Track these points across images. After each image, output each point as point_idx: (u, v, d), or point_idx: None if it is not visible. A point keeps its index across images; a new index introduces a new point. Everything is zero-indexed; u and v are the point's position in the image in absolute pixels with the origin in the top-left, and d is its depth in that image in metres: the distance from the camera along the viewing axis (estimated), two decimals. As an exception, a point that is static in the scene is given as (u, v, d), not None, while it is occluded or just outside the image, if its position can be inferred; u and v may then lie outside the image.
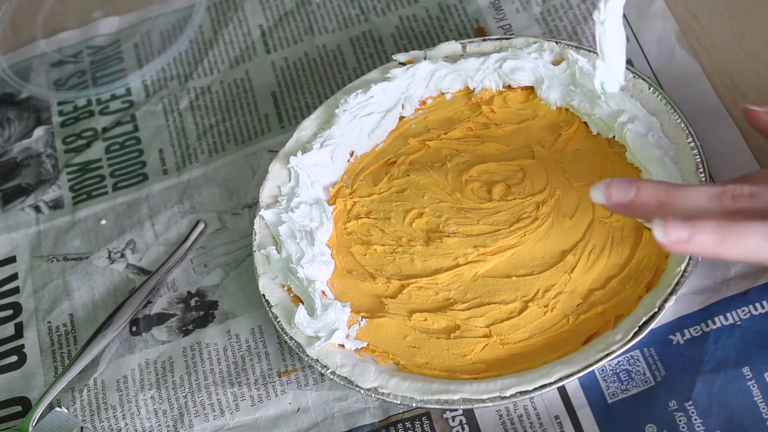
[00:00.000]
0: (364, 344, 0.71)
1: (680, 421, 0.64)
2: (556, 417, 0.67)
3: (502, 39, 0.80)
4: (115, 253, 0.82)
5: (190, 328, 0.77)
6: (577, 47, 0.77)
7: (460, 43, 0.81)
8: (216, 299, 0.78)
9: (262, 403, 0.73)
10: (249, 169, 0.84)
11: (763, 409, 0.64)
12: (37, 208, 0.87)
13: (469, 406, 0.67)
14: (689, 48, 0.78)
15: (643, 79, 0.75)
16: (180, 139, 0.87)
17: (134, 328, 0.78)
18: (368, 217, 0.77)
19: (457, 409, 0.69)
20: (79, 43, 0.95)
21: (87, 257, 0.83)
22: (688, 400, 0.65)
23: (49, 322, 0.80)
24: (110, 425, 0.74)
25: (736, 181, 0.64)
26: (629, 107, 0.74)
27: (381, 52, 0.87)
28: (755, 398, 0.64)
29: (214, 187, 0.84)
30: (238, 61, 0.90)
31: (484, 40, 0.80)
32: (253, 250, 0.76)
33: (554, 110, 0.77)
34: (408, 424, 0.69)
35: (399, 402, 0.68)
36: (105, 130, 0.89)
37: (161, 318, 0.78)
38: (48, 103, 0.92)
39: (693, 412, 0.64)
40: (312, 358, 0.70)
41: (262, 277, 0.75)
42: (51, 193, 0.87)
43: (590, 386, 0.67)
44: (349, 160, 0.80)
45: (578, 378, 0.66)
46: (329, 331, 0.71)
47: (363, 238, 0.76)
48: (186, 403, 0.74)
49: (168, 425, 0.74)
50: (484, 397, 0.67)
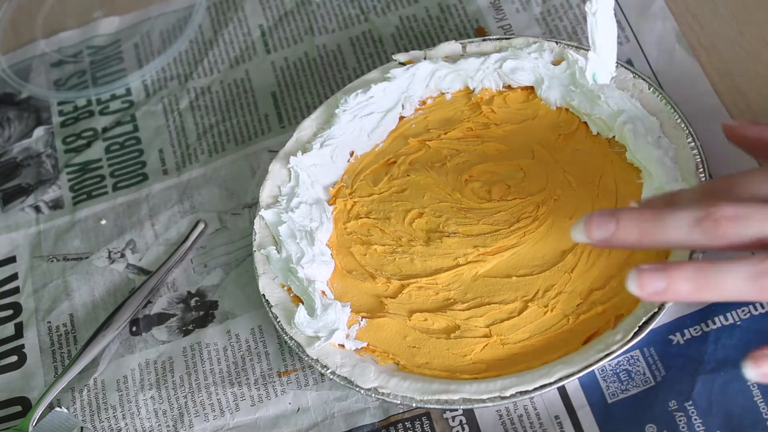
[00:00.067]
0: (364, 344, 0.71)
1: (680, 421, 0.64)
2: (556, 417, 0.67)
3: (502, 39, 0.80)
4: (115, 253, 0.82)
5: (190, 328, 0.77)
6: (577, 47, 0.77)
7: (460, 43, 0.81)
8: (216, 299, 0.78)
9: (262, 403, 0.73)
10: (249, 169, 0.84)
11: (763, 409, 0.64)
12: (37, 208, 0.87)
13: (469, 406, 0.67)
14: (689, 48, 0.78)
15: (643, 79, 0.75)
16: (180, 139, 0.87)
17: (134, 328, 0.78)
18: (368, 217, 0.77)
19: (457, 409, 0.69)
20: (79, 43, 0.95)
21: (87, 257, 0.83)
22: (688, 400, 0.65)
23: (49, 322, 0.80)
24: (110, 425, 0.74)
25: (728, 180, 0.62)
26: (629, 107, 0.74)
27: (381, 52, 0.87)
28: (755, 398, 0.64)
29: (214, 187, 0.84)
30: (238, 61, 0.90)
31: (484, 40, 0.80)
32: (253, 250, 0.76)
33: (554, 110, 0.77)
34: (408, 424, 0.69)
35: (399, 402, 0.68)
36: (105, 130, 0.89)
37: (161, 318, 0.78)
38: (48, 103, 0.92)
39: (693, 412, 0.64)
40: (312, 358, 0.70)
41: (262, 277, 0.75)
42: (51, 193, 0.87)
43: (590, 386, 0.67)
44: (349, 160, 0.80)
45: (578, 378, 0.66)
46: (329, 331, 0.71)
47: (363, 238, 0.76)
48: (186, 403, 0.74)
49: (168, 425, 0.73)
50: (484, 397, 0.67)
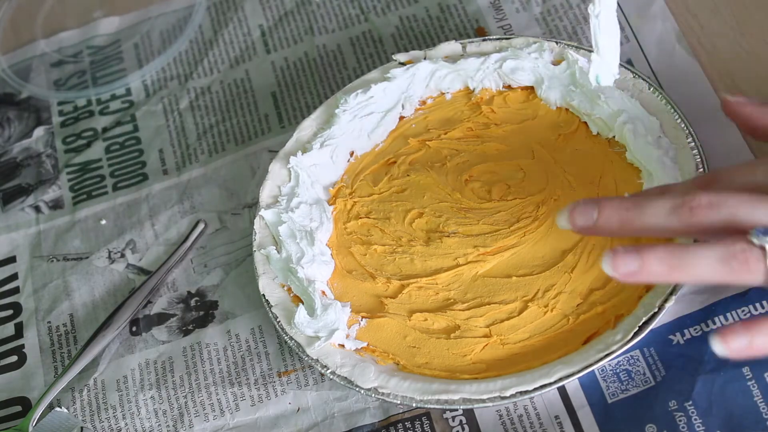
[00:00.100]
0: (364, 344, 0.71)
1: (680, 421, 0.64)
2: (556, 417, 0.67)
3: (502, 39, 0.80)
4: (115, 253, 0.82)
5: (190, 328, 0.77)
6: (577, 47, 0.77)
7: (460, 43, 0.81)
8: (216, 299, 0.78)
9: (262, 403, 0.73)
10: (249, 169, 0.84)
11: (763, 409, 0.63)
12: (37, 208, 0.86)
13: (469, 406, 0.67)
14: (689, 48, 0.78)
15: (643, 79, 0.75)
16: (180, 139, 0.87)
17: (134, 328, 0.78)
18: (368, 217, 0.77)
19: (457, 409, 0.69)
20: (79, 43, 0.95)
21: (87, 257, 0.83)
22: (688, 400, 0.65)
23: (49, 322, 0.80)
24: (110, 425, 0.74)
25: (716, 173, 0.63)
26: (629, 107, 0.74)
27: (381, 52, 0.87)
28: (755, 398, 0.64)
29: (214, 187, 0.84)
30: (238, 61, 0.90)
31: (484, 40, 0.80)
32: (253, 250, 0.76)
33: (554, 110, 0.77)
34: (408, 424, 0.69)
35: (399, 402, 0.68)
36: (105, 130, 0.89)
37: (161, 318, 0.78)
38: (48, 103, 0.92)
39: (693, 412, 0.64)
40: (312, 358, 0.70)
41: (262, 277, 0.75)
42: (51, 193, 0.87)
43: (590, 386, 0.67)
44: (349, 160, 0.80)
45: (578, 378, 0.66)
46: (329, 331, 0.71)
47: (363, 238, 0.76)
48: (186, 403, 0.74)
49: (168, 425, 0.73)
50: (484, 397, 0.67)
